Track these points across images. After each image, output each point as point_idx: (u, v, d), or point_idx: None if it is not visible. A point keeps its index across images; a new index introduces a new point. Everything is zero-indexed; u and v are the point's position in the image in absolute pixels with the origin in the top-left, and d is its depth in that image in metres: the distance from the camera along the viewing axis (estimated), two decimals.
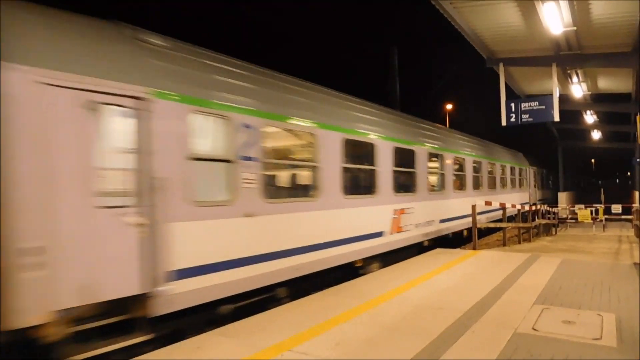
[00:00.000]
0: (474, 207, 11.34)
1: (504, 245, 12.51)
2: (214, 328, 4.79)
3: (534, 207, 15.60)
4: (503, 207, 13.21)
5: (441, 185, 11.77)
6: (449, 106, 31.76)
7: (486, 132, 20.66)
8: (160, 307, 4.53)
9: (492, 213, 15.39)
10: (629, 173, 44.34)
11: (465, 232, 13.11)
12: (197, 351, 4.11)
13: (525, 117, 10.97)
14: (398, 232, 9.08)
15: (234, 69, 5.84)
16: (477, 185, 14.84)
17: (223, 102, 5.37)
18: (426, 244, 10.60)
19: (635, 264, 8.46)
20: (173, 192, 4.68)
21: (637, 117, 8.74)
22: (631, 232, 15.83)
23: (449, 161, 12.22)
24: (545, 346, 4.07)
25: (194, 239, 4.90)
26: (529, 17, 9.36)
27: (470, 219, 11.59)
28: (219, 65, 5.68)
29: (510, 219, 14.91)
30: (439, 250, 10.33)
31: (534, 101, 10.99)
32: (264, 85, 6.19)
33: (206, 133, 5.31)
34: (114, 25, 4.70)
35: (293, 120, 6.49)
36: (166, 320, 4.68)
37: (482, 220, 13.64)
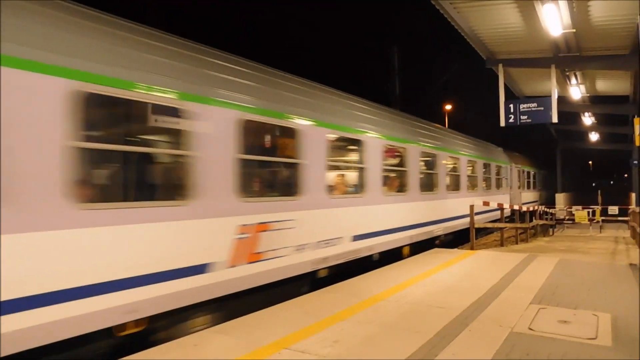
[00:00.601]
0: (472, 207, 11.38)
1: (502, 245, 12.57)
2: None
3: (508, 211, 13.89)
4: (501, 208, 13.23)
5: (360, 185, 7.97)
6: (448, 106, 31.82)
7: (487, 132, 20.70)
8: None
9: (456, 221, 12.26)
10: (626, 175, 44.53)
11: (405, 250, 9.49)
12: (195, 349, 4.09)
13: (524, 118, 11.04)
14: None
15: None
16: (427, 185, 10.56)
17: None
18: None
19: (631, 264, 8.52)
20: None
21: (635, 119, 8.80)
22: (627, 234, 15.92)
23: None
24: (541, 345, 4.11)
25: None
26: (528, 18, 9.41)
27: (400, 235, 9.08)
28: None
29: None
30: (436, 249, 10.36)
31: (533, 102, 11.06)
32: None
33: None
34: None
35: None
36: None
37: (435, 232, 10.86)
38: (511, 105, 11.32)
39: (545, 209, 18.76)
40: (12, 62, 3.46)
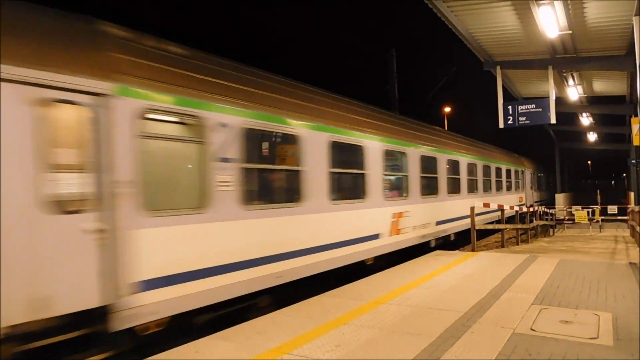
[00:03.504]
0: (472, 208, 11.40)
1: (502, 246, 12.58)
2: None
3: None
4: (501, 209, 13.27)
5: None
6: (447, 109, 31.88)
7: (487, 134, 20.76)
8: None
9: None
10: (624, 174, 44.59)
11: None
12: (196, 355, 4.09)
13: (522, 119, 11.07)
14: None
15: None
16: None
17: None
18: None
19: (631, 263, 8.54)
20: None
21: (632, 119, 8.85)
22: (627, 232, 15.95)
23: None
24: (543, 346, 4.12)
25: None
26: (525, 20, 9.47)
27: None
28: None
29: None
30: (438, 252, 10.37)
31: (531, 104, 11.10)
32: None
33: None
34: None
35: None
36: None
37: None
38: (510, 107, 11.37)
39: (546, 210, 18.79)
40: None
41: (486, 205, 12.61)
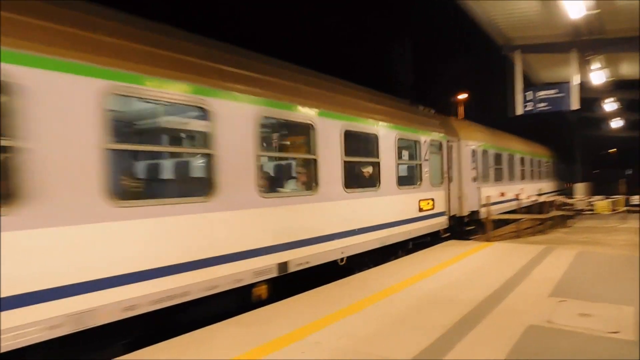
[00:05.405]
0: (488, 197, 11.14)
1: (518, 237, 12.29)
2: None
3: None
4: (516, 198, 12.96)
5: None
6: (463, 95, 31.12)
7: (499, 121, 20.22)
8: None
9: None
10: None
11: None
12: (211, 340, 4.12)
13: (542, 105, 10.66)
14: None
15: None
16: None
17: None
18: None
19: None
20: None
21: None
22: None
23: None
24: (560, 339, 3.96)
25: None
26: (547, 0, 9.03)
27: None
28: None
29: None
30: (451, 242, 10.19)
31: (552, 89, 10.66)
32: None
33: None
34: None
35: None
36: None
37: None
38: (529, 93, 10.96)
39: (564, 200, 18.31)
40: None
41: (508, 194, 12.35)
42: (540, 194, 18.28)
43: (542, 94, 10.70)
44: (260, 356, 3.76)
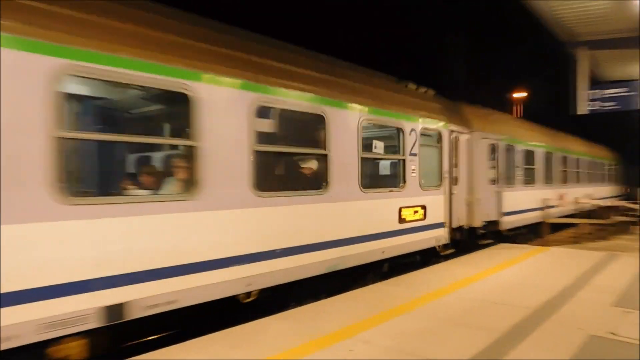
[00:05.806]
0: (545, 200, 10.68)
1: (576, 242, 11.69)
2: None
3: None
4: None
5: None
6: (522, 94, 29.54)
7: (557, 120, 19.14)
8: None
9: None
10: None
11: None
12: (259, 334, 4.23)
13: (610, 104, 10.00)
14: None
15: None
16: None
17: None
18: None
19: None
20: None
21: None
22: None
23: None
24: (625, 352, 3.80)
25: None
26: None
27: None
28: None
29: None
30: (503, 244, 9.88)
31: (623, 87, 9.96)
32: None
33: None
34: None
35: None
36: None
37: None
38: (594, 91, 10.33)
39: (627, 205, 17.08)
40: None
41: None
42: (593, 199, 16.96)
43: (610, 92, 10.05)
44: (309, 351, 3.84)
